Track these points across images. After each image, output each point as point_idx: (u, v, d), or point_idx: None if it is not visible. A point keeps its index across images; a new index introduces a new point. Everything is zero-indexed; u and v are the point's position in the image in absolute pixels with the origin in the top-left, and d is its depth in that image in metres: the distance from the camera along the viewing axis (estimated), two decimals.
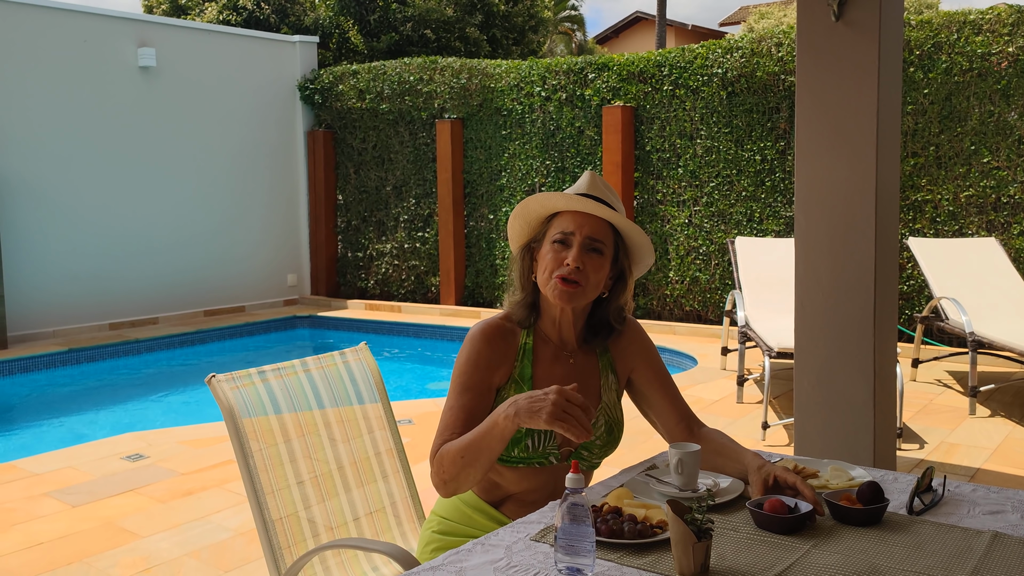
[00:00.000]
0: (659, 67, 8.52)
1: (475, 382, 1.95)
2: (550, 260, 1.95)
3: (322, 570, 2.21)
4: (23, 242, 8.42)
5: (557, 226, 1.97)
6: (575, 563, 1.45)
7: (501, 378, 1.99)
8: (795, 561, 1.50)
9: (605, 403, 2.04)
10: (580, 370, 2.04)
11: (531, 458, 1.96)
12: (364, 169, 10.67)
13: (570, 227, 1.95)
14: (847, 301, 3.41)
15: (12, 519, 3.95)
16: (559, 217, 1.98)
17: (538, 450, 1.96)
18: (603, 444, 2.03)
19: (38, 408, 7.11)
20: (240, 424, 2.13)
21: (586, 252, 1.93)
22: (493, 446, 1.78)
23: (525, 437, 1.95)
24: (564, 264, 1.92)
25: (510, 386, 1.99)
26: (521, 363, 2.00)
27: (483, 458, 1.80)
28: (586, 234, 1.94)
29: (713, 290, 8.40)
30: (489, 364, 1.97)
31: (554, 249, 1.95)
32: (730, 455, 1.96)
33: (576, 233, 1.94)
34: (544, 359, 2.02)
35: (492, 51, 15.24)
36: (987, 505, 1.76)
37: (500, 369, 1.98)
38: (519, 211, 2.02)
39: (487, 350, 1.97)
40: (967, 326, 5.40)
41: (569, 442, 1.99)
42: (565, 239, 1.95)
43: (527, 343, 2.02)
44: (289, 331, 9.88)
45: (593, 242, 1.94)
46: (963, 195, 7.15)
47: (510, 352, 2.00)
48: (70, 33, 8.77)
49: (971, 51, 7.02)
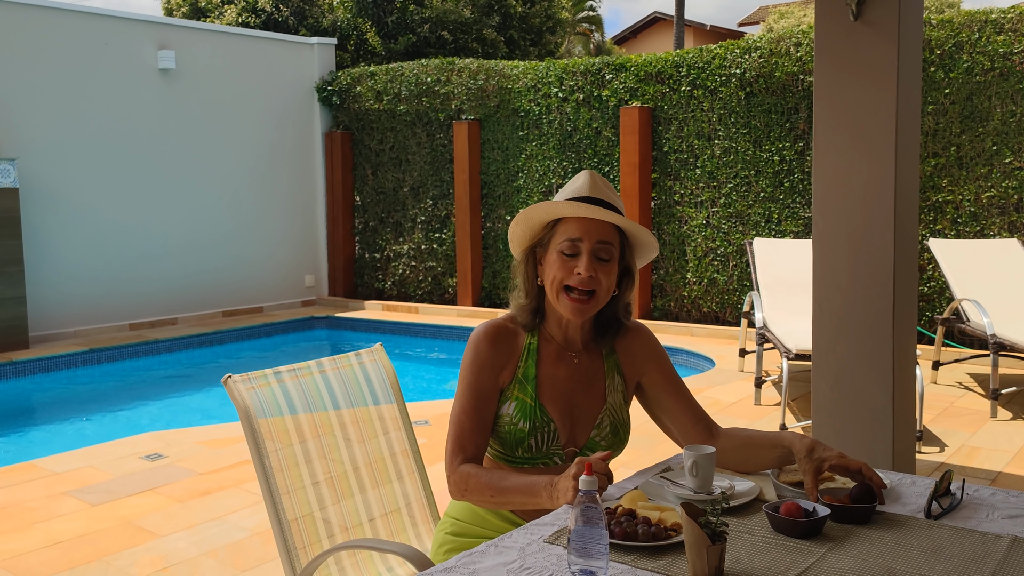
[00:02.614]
0: (677, 67, 8.49)
1: (481, 383, 1.96)
2: (558, 269, 1.93)
3: (337, 570, 2.21)
4: (44, 244, 8.50)
5: (563, 233, 1.94)
6: (588, 565, 1.45)
7: (505, 378, 1.99)
8: (811, 565, 1.49)
9: (610, 404, 2.03)
10: (585, 370, 2.04)
11: (536, 459, 1.97)
12: (381, 170, 10.70)
13: (577, 234, 1.92)
14: (865, 303, 3.38)
15: (32, 518, 3.98)
16: (564, 223, 1.95)
17: (542, 450, 1.96)
18: (608, 445, 2.02)
19: (58, 408, 7.18)
20: (256, 424, 2.14)
21: (596, 260, 1.92)
22: (522, 501, 1.84)
23: (528, 437, 1.95)
24: (575, 273, 1.91)
25: (514, 386, 1.99)
26: (525, 363, 2.00)
27: (509, 506, 1.90)
28: (595, 240, 1.91)
29: (731, 291, 8.36)
30: (494, 365, 1.97)
31: (562, 258, 1.93)
32: (765, 443, 1.92)
33: (584, 240, 1.91)
34: (548, 359, 2.02)
35: (509, 52, 15.24)
36: (1006, 509, 1.74)
37: (504, 370, 1.99)
38: (521, 218, 1.98)
39: (491, 351, 1.98)
40: (988, 328, 5.34)
41: (573, 442, 2.00)
42: (573, 247, 1.92)
43: (531, 343, 2.02)
44: (307, 332, 9.92)
45: (602, 247, 1.92)
46: (984, 196, 7.08)
47: (514, 353, 2.00)
48: (91, 36, 8.84)
49: (993, 50, 6.95)
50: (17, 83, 8.31)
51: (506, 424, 1.97)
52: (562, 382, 2.00)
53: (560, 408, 1.99)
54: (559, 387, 2.00)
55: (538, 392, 1.98)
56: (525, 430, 1.95)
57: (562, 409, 1.99)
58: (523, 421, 1.96)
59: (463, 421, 1.93)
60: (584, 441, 2.00)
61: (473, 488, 1.86)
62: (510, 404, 1.98)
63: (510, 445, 1.96)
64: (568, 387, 2.01)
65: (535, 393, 1.98)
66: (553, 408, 1.98)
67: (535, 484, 1.78)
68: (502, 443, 1.98)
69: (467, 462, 1.91)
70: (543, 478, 1.77)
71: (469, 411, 1.93)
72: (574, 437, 2.00)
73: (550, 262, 1.96)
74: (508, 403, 1.98)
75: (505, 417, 1.97)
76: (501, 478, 1.84)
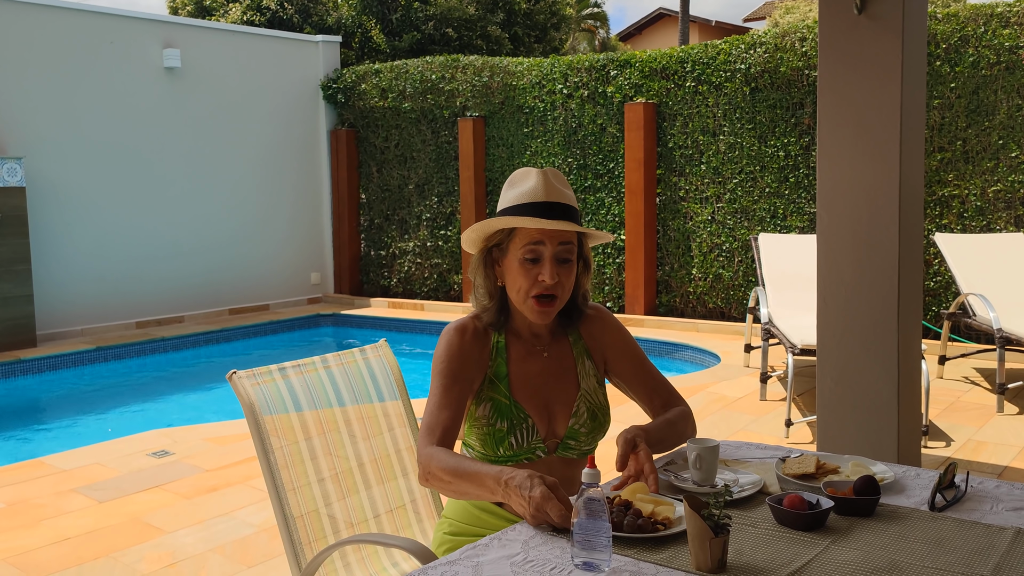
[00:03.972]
0: (682, 63, 8.48)
1: (452, 369, 1.96)
2: (523, 278, 1.93)
3: (342, 565, 2.22)
4: (51, 243, 8.53)
5: (522, 238, 1.93)
6: (591, 558, 1.45)
7: (477, 379, 1.99)
8: (814, 557, 1.49)
9: (584, 390, 2.04)
10: (555, 362, 2.05)
11: (517, 455, 1.97)
12: (387, 168, 10.71)
13: (537, 238, 1.91)
14: (870, 298, 3.38)
15: (41, 515, 4.00)
16: (522, 229, 1.93)
17: (523, 447, 1.96)
18: (588, 431, 2.02)
19: (66, 405, 7.21)
20: (261, 421, 2.14)
21: (558, 264, 1.93)
22: (477, 493, 1.77)
23: (508, 435, 1.95)
24: (539, 281, 1.92)
25: (486, 386, 1.99)
26: (495, 362, 2.01)
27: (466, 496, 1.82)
28: (556, 243, 1.92)
29: (736, 287, 8.35)
30: (468, 357, 1.98)
31: (525, 266, 1.93)
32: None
33: (547, 244, 1.92)
34: (518, 356, 2.03)
35: (514, 49, 15.22)
36: (1011, 502, 1.73)
37: (478, 367, 1.99)
38: (480, 230, 1.97)
39: (462, 343, 1.99)
40: (995, 322, 5.33)
41: (552, 434, 2.00)
42: (535, 252, 1.92)
43: (499, 342, 2.03)
44: (313, 329, 9.94)
45: (563, 248, 1.93)
46: (991, 190, 7.06)
47: (484, 352, 2.01)
48: (96, 35, 8.87)
49: (999, 44, 6.93)
50: (23, 82, 8.34)
51: (484, 426, 1.97)
52: (534, 377, 2.01)
53: (535, 403, 1.99)
54: (532, 382, 2.01)
55: (511, 390, 1.99)
56: (504, 429, 1.95)
57: (538, 404, 1.99)
58: (500, 421, 1.96)
59: (431, 407, 1.94)
60: (564, 432, 2.00)
61: (435, 471, 1.82)
62: (485, 406, 1.98)
63: (491, 445, 1.96)
64: (541, 381, 2.02)
65: (508, 391, 1.98)
66: (528, 404, 1.98)
67: (484, 477, 1.73)
68: (483, 444, 1.98)
69: (434, 446, 1.89)
70: (493, 471, 1.72)
71: (438, 397, 1.94)
72: (553, 429, 2.00)
73: (512, 269, 1.95)
74: (483, 404, 1.98)
75: (482, 419, 1.97)
76: (458, 463, 1.80)
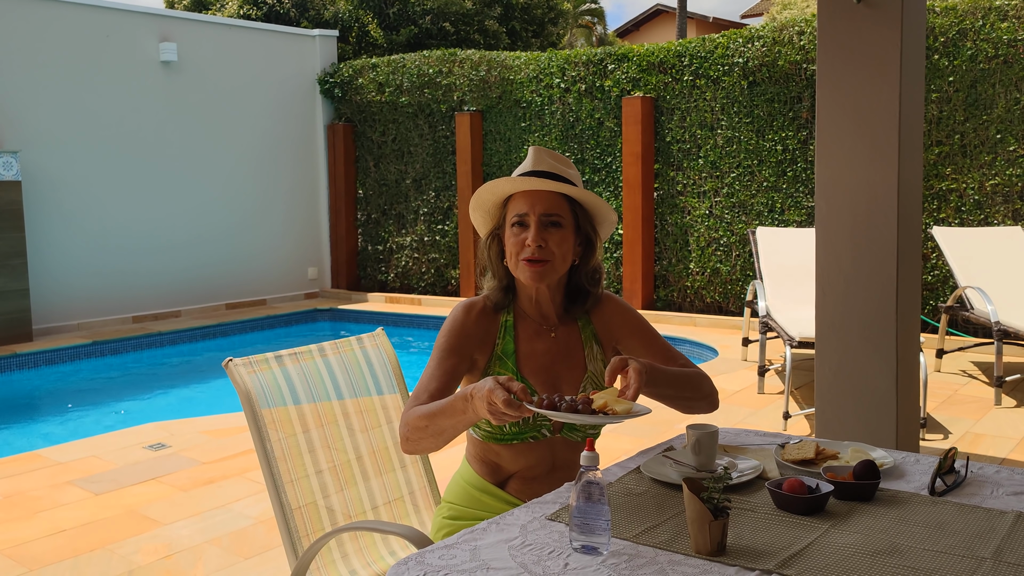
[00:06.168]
0: (679, 57, 8.47)
1: (456, 346, 1.99)
2: (513, 244, 2.00)
3: (340, 556, 2.21)
4: (47, 237, 8.51)
5: (512, 209, 2.01)
6: (590, 541, 1.45)
7: (483, 357, 2.02)
8: (814, 540, 1.48)
9: (591, 373, 2.06)
10: (563, 343, 2.07)
11: (524, 433, 1.98)
12: (384, 162, 10.69)
13: (523, 208, 1.99)
14: (868, 290, 3.37)
15: (37, 507, 3.99)
16: (513, 200, 2.02)
17: (529, 423, 1.98)
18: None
19: (63, 399, 7.19)
20: (258, 409, 2.13)
21: (545, 228, 1.97)
22: (452, 423, 1.80)
23: None
24: (526, 246, 1.96)
25: (493, 362, 2.02)
26: (503, 340, 2.03)
27: (443, 435, 1.84)
28: (540, 212, 1.97)
29: (734, 281, 8.34)
30: (472, 334, 2.01)
31: (514, 233, 2.00)
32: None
33: (530, 213, 1.98)
34: (526, 335, 2.05)
35: (511, 43, 15.20)
36: (1011, 486, 1.73)
37: (482, 345, 2.02)
38: (474, 203, 2.07)
39: (470, 322, 2.02)
40: (992, 315, 5.33)
41: None
42: (522, 220, 1.99)
43: (507, 320, 2.06)
44: (310, 324, 9.92)
45: (548, 217, 1.97)
46: (988, 184, 7.06)
47: (492, 330, 2.04)
48: (93, 28, 8.83)
49: (997, 38, 6.92)
50: (19, 76, 8.31)
51: None
52: (542, 356, 2.03)
53: (543, 380, 2.01)
54: (539, 361, 2.03)
55: (519, 366, 2.01)
56: None
57: (545, 381, 2.01)
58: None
59: (423, 378, 1.97)
60: None
61: (412, 423, 1.85)
62: None
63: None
64: (548, 360, 2.04)
65: (516, 367, 2.01)
66: (536, 381, 2.01)
67: (454, 401, 1.78)
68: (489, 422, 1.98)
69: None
70: (459, 393, 1.78)
71: (431, 368, 1.97)
72: None
73: (508, 239, 2.02)
74: None
75: None
76: (431, 406, 1.84)
